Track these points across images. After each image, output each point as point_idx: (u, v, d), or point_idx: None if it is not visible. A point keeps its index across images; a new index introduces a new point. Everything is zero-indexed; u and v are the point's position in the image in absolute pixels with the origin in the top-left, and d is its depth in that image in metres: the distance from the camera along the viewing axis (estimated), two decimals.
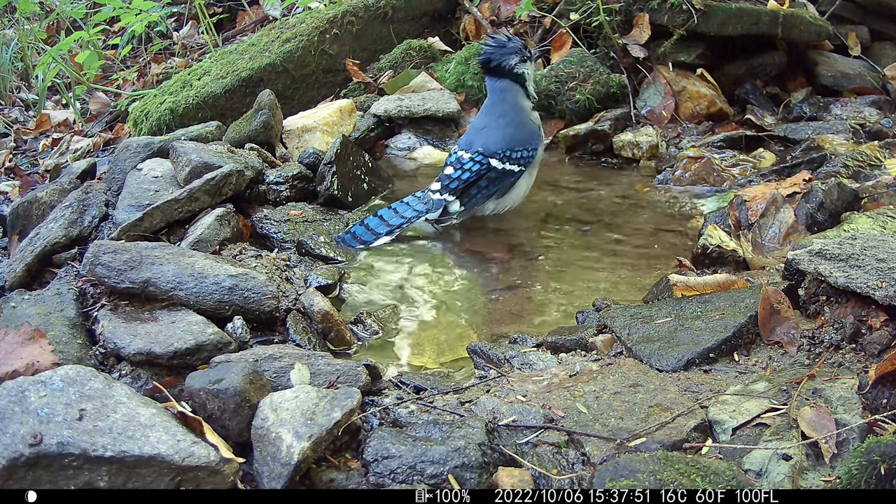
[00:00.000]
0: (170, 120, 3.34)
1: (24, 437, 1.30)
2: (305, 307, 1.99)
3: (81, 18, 4.79)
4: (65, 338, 1.80)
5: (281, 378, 1.61)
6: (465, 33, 3.84)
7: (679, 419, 1.49)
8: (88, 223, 2.43)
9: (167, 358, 1.71)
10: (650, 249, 2.45)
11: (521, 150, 2.56)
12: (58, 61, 4.04)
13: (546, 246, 2.51)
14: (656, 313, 1.85)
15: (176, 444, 1.34)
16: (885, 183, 2.48)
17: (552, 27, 3.65)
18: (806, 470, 1.38)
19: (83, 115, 4.27)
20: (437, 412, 1.56)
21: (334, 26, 3.64)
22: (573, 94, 3.29)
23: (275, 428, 1.41)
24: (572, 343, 1.85)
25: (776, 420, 1.48)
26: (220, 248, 2.20)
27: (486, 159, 2.54)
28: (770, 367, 1.66)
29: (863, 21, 3.71)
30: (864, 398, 1.50)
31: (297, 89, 3.54)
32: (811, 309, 1.78)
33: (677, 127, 3.28)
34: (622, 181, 2.99)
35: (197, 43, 4.88)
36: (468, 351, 1.89)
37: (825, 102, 3.33)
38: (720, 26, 3.30)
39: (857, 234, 1.89)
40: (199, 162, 2.46)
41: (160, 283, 1.88)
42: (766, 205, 2.29)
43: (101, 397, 1.40)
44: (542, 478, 1.40)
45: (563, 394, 1.60)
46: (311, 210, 2.55)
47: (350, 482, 1.40)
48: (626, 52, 3.41)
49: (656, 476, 1.30)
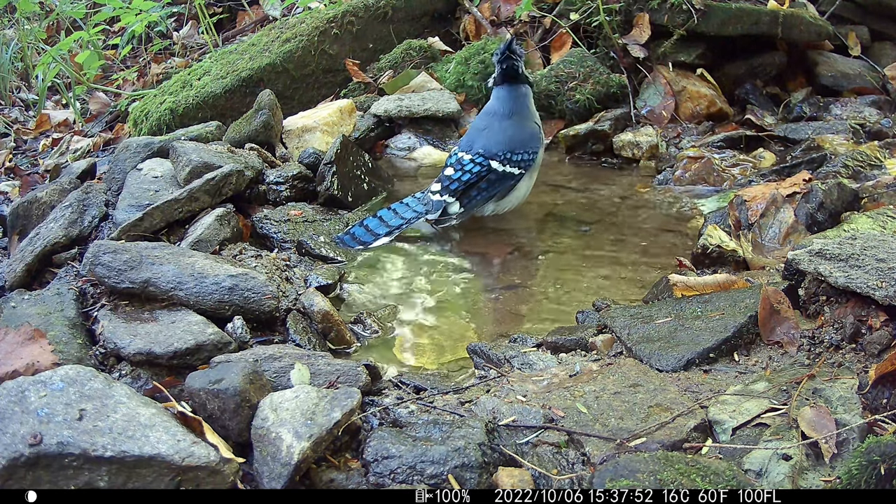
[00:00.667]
0: (170, 120, 3.34)
1: (24, 437, 1.30)
2: (305, 307, 1.99)
3: (81, 18, 4.79)
4: (65, 338, 1.80)
5: (281, 378, 1.62)
6: (465, 33, 3.84)
7: (679, 419, 1.49)
8: (88, 223, 2.43)
9: (167, 358, 1.71)
10: (650, 249, 2.45)
11: (522, 153, 2.56)
12: (58, 61, 4.04)
13: (546, 246, 2.50)
14: (656, 313, 1.85)
15: (176, 444, 1.34)
16: (885, 183, 2.47)
17: (552, 27, 3.65)
18: (806, 470, 1.38)
19: (83, 115, 4.27)
20: (437, 412, 1.56)
21: (334, 26, 3.64)
22: (573, 94, 3.29)
23: (275, 428, 1.41)
24: (572, 343, 1.85)
25: (776, 420, 1.48)
26: (220, 248, 2.20)
27: (487, 161, 2.54)
28: (770, 367, 1.66)
29: (863, 21, 3.71)
30: (864, 398, 1.50)
31: (297, 89, 3.54)
32: (811, 309, 1.78)
33: (677, 127, 3.28)
34: (622, 181, 2.99)
35: (197, 43, 4.88)
36: (468, 351, 1.89)
37: (825, 102, 3.33)
38: (720, 26, 3.31)
39: (857, 234, 1.89)
40: (199, 162, 2.46)
41: (160, 283, 1.88)
42: (766, 205, 2.29)
43: (101, 397, 1.40)
44: (542, 478, 1.41)
45: (563, 394, 1.60)
46: (311, 210, 2.55)
47: (350, 482, 1.40)
48: (626, 52, 3.41)
49: (656, 476, 1.30)
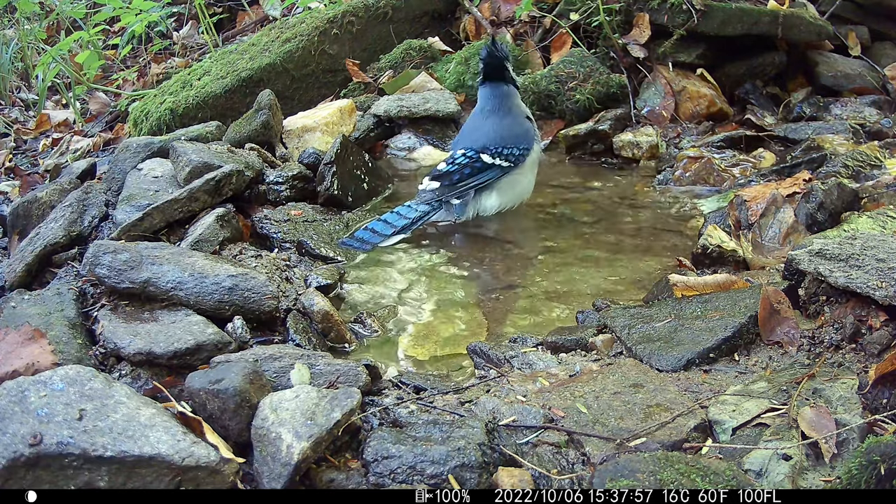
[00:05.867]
0: (170, 120, 3.34)
1: (24, 438, 1.30)
2: (305, 307, 1.99)
3: (81, 18, 4.79)
4: (65, 338, 1.79)
5: (281, 378, 1.61)
6: (465, 33, 3.84)
7: (679, 419, 1.49)
8: (88, 223, 2.43)
9: (167, 358, 1.71)
10: (650, 249, 2.45)
11: (513, 148, 2.60)
12: (58, 61, 4.04)
13: (546, 246, 2.50)
14: (656, 313, 1.85)
15: (176, 444, 1.34)
16: (885, 183, 2.47)
17: (552, 27, 3.65)
18: (806, 470, 1.38)
19: (83, 115, 4.27)
20: (437, 412, 1.56)
21: (334, 26, 3.64)
22: (573, 94, 3.29)
23: (275, 428, 1.41)
24: (572, 343, 1.85)
25: (776, 420, 1.48)
26: (220, 248, 2.20)
27: (477, 154, 2.59)
28: (770, 367, 1.66)
29: (863, 21, 3.71)
30: (864, 398, 1.50)
31: (297, 89, 3.54)
32: (811, 309, 1.78)
33: (677, 127, 3.28)
34: (622, 181, 2.99)
35: (197, 43, 4.88)
36: (468, 351, 1.89)
37: (825, 102, 3.33)
38: (720, 26, 3.31)
39: (857, 234, 1.89)
40: (199, 162, 2.46)
41: (160, 283, 1.88)
42: (766, 205, 2.29)
43: (101, 397, 1.40)
44: (542, 478, 1.40)
45: (563, 394, 1.60)
46: (311, 210, 2.55)
47: (350, 482, 1.40)
48: (626, 52, 3.41)
49: (656, 476, 1.30)
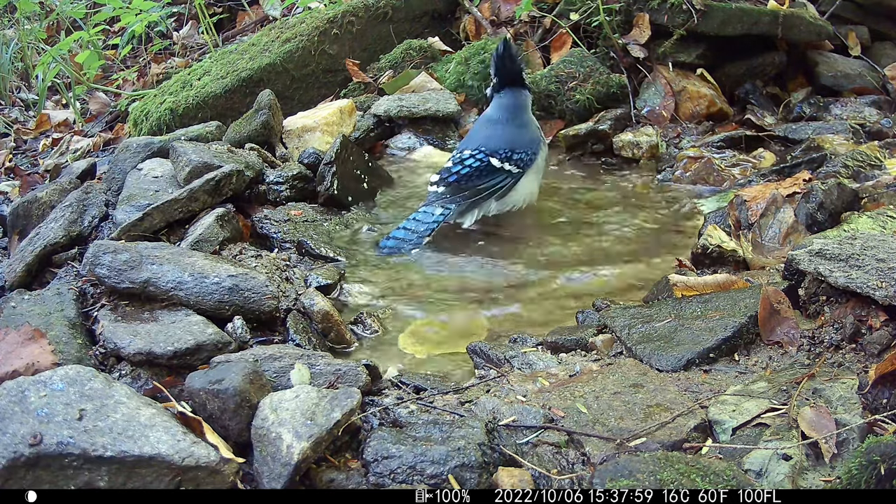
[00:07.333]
0: (170, 120, 3.34)
1: (24, 438, 1.30)
2: (305, 307, 1.99)
3: (81, 18, 4.79)
4: (65, 338, 1.79)
5: (281, 378, 1.61)
6: (465, 33, 3.83)
7: (679, 419, 1.49)
8: (88, 223, 2.43)
9: (167, 358, 1.71)
10: (650, 249, 2.45)
11: (522, 153, 2.60)
12: (58, 61, 4.04)
13: (546, 246, 2.50)
14: (656, 313, 1.85)
15: (176, 445, 1.34)
16: (885, 183, 2.47)
17: (552, 27, 3.64)
18: (806, 470, 1.38)
19: (83, 115, 4.27)
20: (437, 412, 1.56)
21: (334, 26, 3.64)
22: (573, 94, 3.29)
23: (275, 428, 1.41)
24: (572, 343, 1.85)
25: (776, 420, 1.48)
26: (220, 248, 2.20)
27: (487, 157, 2.57)
28: (770, 367, 1.66)
29: (863, 21, 3.71)
30: (864, 398, 1.50)
31: (297, 89, 3.54)
32: (811, 309, 1.78)
33: (677, 127, 3.27)
34: (622, 181, 2.99)
35: (197, 43, 4.88)
36: (468, 351, 1.89)
37: (825, 102, 3.32)
38: (720, 26, 3.30)
39: (857, 234, 1.89)
40: (199, 162, 2.46)
41: (160, 283, 1.88)
42: (766, 205, 2.29)
43: (101, 397, 1.40)
44: (542, 478, 1.41)
45: (563, 394, 1.60)
46: (311, 210, 2.55)
47: (350, 482, 1.40)
48: (626, 52, 3.41)
49: (656, 476, 1.30)
